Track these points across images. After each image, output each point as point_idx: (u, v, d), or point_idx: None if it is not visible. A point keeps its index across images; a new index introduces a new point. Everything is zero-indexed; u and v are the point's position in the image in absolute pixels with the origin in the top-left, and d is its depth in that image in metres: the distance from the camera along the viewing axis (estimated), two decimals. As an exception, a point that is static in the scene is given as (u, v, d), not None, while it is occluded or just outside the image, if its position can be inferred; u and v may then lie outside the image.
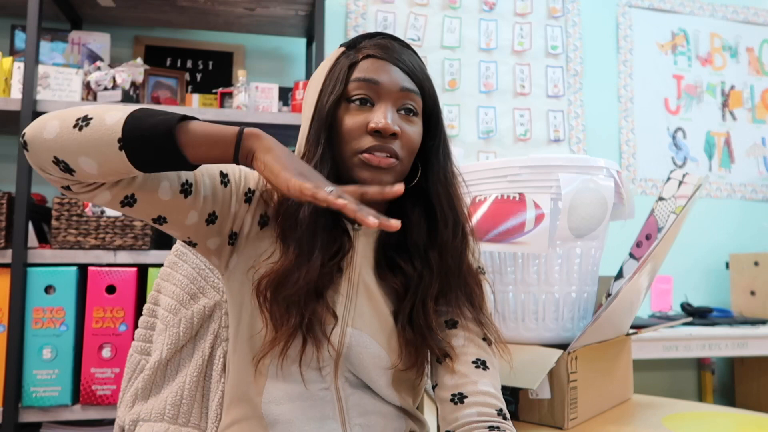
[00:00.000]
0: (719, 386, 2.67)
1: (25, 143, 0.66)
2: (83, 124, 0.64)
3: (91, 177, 0.66)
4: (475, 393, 0.78)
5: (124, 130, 0.63)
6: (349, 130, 0.76)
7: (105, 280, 1.60)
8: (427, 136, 0.82)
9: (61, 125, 0.64)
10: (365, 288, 0.80)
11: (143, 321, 0.95)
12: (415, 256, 0.81)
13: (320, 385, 0.78)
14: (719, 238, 2.66)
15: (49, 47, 1.98)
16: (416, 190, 0.82)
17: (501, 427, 0.75)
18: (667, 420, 1.05)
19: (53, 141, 0.64)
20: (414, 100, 0.79)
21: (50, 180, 0.69)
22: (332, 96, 0.77)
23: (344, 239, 0.80)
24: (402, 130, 0.77)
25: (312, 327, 0.74)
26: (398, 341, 0.79)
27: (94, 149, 0.64)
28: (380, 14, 2.41)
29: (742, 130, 2.79)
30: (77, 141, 0.64)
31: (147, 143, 0.64)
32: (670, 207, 1.15)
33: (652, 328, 1.40)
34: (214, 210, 0.76)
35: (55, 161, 0.65)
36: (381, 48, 0.79)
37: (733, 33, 2.82)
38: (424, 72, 0.82)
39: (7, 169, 1.94)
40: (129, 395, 0.91)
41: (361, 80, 0.77)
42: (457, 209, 0.82)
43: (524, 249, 1.05)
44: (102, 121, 0.64)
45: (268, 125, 1.81)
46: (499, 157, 2.41)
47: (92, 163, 0.64)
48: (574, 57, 2.60)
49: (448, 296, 0.81)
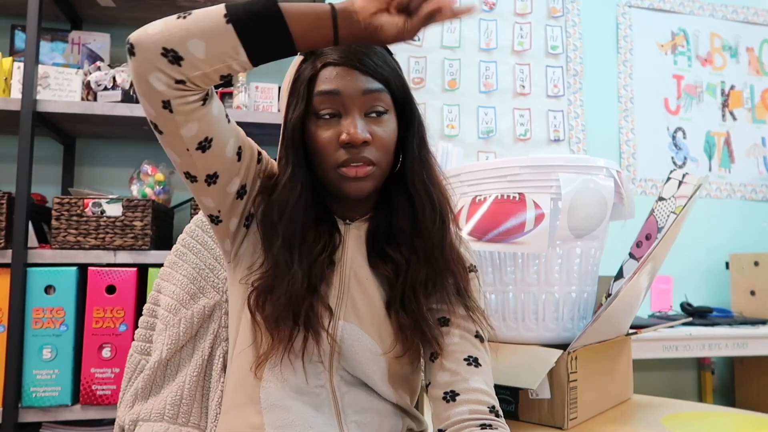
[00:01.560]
0: (719, 386, 2.66)
1: (132, 46, 0.66)
2: (185, 15, 0.67)
3: (199, 64, 0.67)
4: (467, 390, 0.78)
5: (228, 7, 0.66)
6: (323, 146, 0.77)
7: (105, 280, 1.60)
8: (402, 126, 0.82)
9: (164, 22, 0.67)
10: (357, 280, 0.81)
11: (143, 321, 0.95)
12: (402, 243, 0.82)
13: (316, 383, 0.78)
14: (719, 238, 2.66)
15: (49, 47, 1.98)
16: (399, 177, 0.83)
17: (493, 425, 0.75)
18: (667, 420, 1.05)
19: (159, 34, 0.66)
20: (381, 99, 0.78)
21: (152, 94, 0.68)
22: (296, 112, 0.78)
23: (334, 233, 0.82)
24: (373, 134, 0.77)
25: (310, 320, 0.76)
26: (391, 328, 0.80)
27: (201, 30, 0.66)
28: (380, 14, 2.41)
29: (742, 130, 2.79)
30: (184, 27, 0.66)
31: (251, 15, 0.66)
32: (670, 207, 1.15)
33: (652, 328, 1.40)
34: (246, 183, 0.80)
35: (164, 52, 0.66)
36: (336, 51, 0.78)
37: (733, 33, 2.82)
38: (388, 65, 0.80)
39: (7, 169, 1.94)
40: (129, 395, 0.91)
41: (323, 93, 0.77)
42: (433, 196, 0.82)
43: (524, 249, 1.05)
44: (204, 10, 0.67)
45: (268, 125, 1.82)
46: (499, 157, 2.41)
47: (201, 45, 0.66)
48: (574, 57, 2.60)
49: (435, 282, 0.82)
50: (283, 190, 0.78)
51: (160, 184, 1.85)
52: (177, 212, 2.05)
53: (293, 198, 0.77)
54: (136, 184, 1.84)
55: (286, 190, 0.78)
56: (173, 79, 0.67)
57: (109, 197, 1.66)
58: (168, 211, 1.93)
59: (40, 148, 1.84)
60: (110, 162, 2.09)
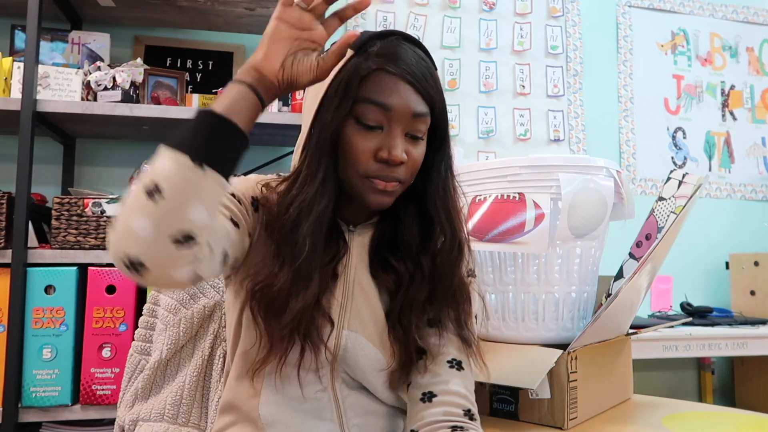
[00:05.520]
0: (719, 386, 2.66)
1: (140, 264, 0.58)
2: (154, 191, 0.57)
3: (207, 223, 0.61)
4: (445, 393, 0.78)
5: (181, 150, 0.59)
6: (357, 154, 0.74)
7: (105, 280, 1.60)
8: (430, 148, 0.80)
9: (144, 215, 0.57)
10: (360, 289, 0.80)
11: (143, 321, 0.95)
12: (406, 257, 0.80)
13: (317, 387, 0.78)
14: (719, 237, 2.66)
15: (49, 47, 1.97)
16: (409, 192, 0.81)
17: (465, 427, 0.74)
18: (667, 420, 1.05)
19: (155, 229, 0.57)
20: (425, 123, 0.77)
21: (179, 284, 0.62)
22: (339, 113, 0.74)
23: (340, 243, 0.80)
24: (408, 155, 0.75)
25: (309, 333, 0.74)
26: (389, 339, 0.79)
27: (188, 194, 0.58)
28: (380, 14, 2.41)
29: (742, 130, 2.79)
30: (170, 206, 0.57)
31: (208, 140, 0.60)
32: (670, 207, 1.15)
33: (652, 328, 1.40)
34: (251, 232, 0.77)
35: (176, 241, 0.58)
36: (393, 59, 0.74)
37: (733, 33, 2.82)
38: (435, 84, 0.78)
39: (7, 169, 1.94)
40: (129, 395, 0.91)
41: (372, 103, 0.73)
42: (455, 223, 0.80)
43: (524, 249, 1.05)
44: (161, 169, 0.58)
45: (268, 125, 1.82)
46: (499, 157, 2.41)
47: (200, 207, 0.59)
48: (574, 57, 2.60)
49: (435, 304, 0.80)
50: (311, 201, 0.73)
51: (160, 184, 1.85)
52: (177, 212, 2.05)
53: (319, 208, 0.73)
54: (136, 184, 1.84)
55: (314, 201, 0.73)
56: (194, 257, 0.61)
57: (109, 197, 1.66)
58: (168, 211, 1.93)
59: (40, 148, 1.84)
60: (110, 162, 2.09)
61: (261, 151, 2.18)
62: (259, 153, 2.18)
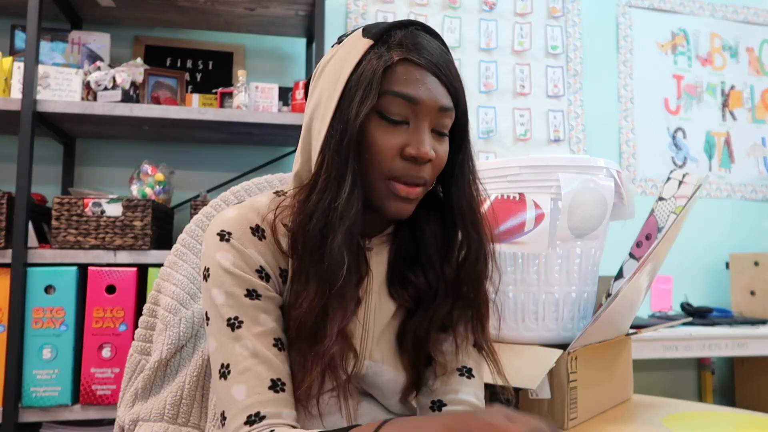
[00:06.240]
0: (719, 386, 2.66)
1: None
2: None
3: None
4: (454, 402, 0.77)
5: None
6: (382, 152, 0.68)
7: (105, 280, 1.60)
8: (453, 148, 0.75)
9: None
10: (381, 313, 0.78)
11: (143, 321, 0.95)
12: (428, 270, 0.76)
13: (329, 394, 0.77)
14: (719, 238, 2.66)
15: (49, 47, 1.98)
16: (431, 199, 0.76)
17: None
18: (667, 420, 1.05)
19: None
20: (449, 117, 0.72)
21: None
22: (364, 108, 0.67)
23: (361, 262, 0.74)
24: (435, 152, 0.70)
25: (334, 366, 0.70)
26: (403, 357, 0.78)
27: None
28: (380, 14, 2.41)
29: (742, 130, 2.79)
30: None
31: None
32: (670, 207, 1.14)
33: (652, 328, 1.40)
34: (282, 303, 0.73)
35: None
36: (417, 49, 0.69)
37: (733, 33, 2.82)
38: (458, 77, 0.73)
39: (7, 169, 1.94)
40: (129, 395, 0.91)
41: (398, 95, 0.68)
42: (480, 231, 0.76)
43: (524, 249, 1.05)
44: None
45: (268, 125, 1.82)
46: (499, 157, 2.41)
47: None
48: (574, 57, 2.60)
49: (455, 316, 0.78)
50: (343, 208, 0.67)
51: (160, 184, 1.85)
52: (177, 212, 2.05)
53: (350, 218, 0.67)
54: (136, 184, 1.84)
55: (347, 207, 0.67)
56: None
57: (109, 197, 1.66)
58: (168, 211, 1.93)
59: (40, 148, 1.84)
60: (110, 162, 2.09)
61: (261, 151, 2.19)
62: (259, 153, 2.18)
